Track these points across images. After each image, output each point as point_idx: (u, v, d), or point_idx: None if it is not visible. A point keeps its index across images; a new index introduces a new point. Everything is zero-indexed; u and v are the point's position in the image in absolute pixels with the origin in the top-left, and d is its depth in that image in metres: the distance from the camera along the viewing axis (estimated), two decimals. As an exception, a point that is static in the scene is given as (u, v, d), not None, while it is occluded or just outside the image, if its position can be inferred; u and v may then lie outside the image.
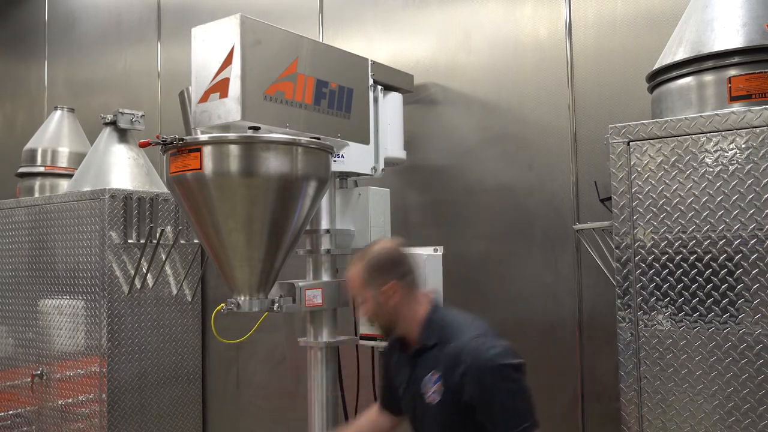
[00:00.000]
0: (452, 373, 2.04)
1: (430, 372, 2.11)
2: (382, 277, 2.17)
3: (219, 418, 4.19)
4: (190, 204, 2.33)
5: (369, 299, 2.19)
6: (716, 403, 2.11)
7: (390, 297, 2.16)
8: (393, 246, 2.28)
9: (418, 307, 2.19)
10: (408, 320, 2.19)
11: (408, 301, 2.18)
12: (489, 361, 1.99)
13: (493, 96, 3.26)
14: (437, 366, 2.10)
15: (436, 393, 2.09)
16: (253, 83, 2.27)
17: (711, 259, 2.13)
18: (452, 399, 2.05)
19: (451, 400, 2.06)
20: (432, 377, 2.10)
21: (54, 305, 3.92)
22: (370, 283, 2.18)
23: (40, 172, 4.43)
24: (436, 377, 2.09)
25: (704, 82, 2.25)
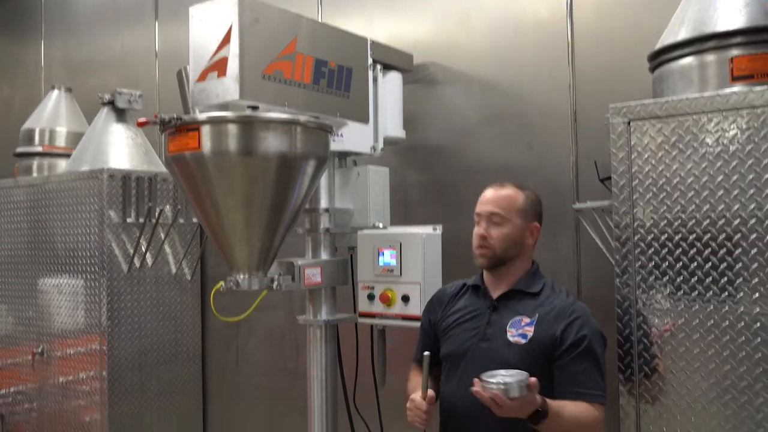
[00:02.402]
0: (553, 323, 2.12)
1: (520, 316, 2.18)
2: (535, 215, 2.28)
3: (219, 396, 4.22)
4: (189, 183, 2.32)
5: (513, 226, 2.23)
6: (713, 381, 2.13)
7: (529, 236, 2.26)
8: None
9: (529, 259, 2.31)
10: (521, 265, 2.27)
11: (531, 250, 2.29)
12: (595, 325, 2.14)
13: (493, 75, 3.25)
14: (532, 313, 2.17)
15: (521, 336, 2.15)
16: (251, 62, 2.25)
17: (710, 239, 2.13)
18: (537, 347, 2.11)
19: (535, 347, 2.11)
20: (522, 321, 2.17)
21: (53, 284, 3.92)
22: (523, 213, 2.25)
23: (38, 152, 4.41)
24: (528, 321, 2.16)
25: (706, 62, 2.24)
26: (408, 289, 2.69)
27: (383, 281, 2.75)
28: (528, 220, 2.25)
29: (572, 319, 2.12)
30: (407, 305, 2.68)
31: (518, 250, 2.25)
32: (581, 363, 2.08)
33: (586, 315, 2.15)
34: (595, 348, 2.09)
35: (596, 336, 2.12)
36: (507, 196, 2.25)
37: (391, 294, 2.72)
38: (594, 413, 2.06)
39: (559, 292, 2.24)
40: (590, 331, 2.11)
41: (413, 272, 2.68)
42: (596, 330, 2.13)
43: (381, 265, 2.75)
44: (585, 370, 2.08)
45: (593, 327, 2.13)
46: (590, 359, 2.08)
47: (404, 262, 2.70)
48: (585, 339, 2.09)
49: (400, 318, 2.70)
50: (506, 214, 2.23)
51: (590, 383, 2.07)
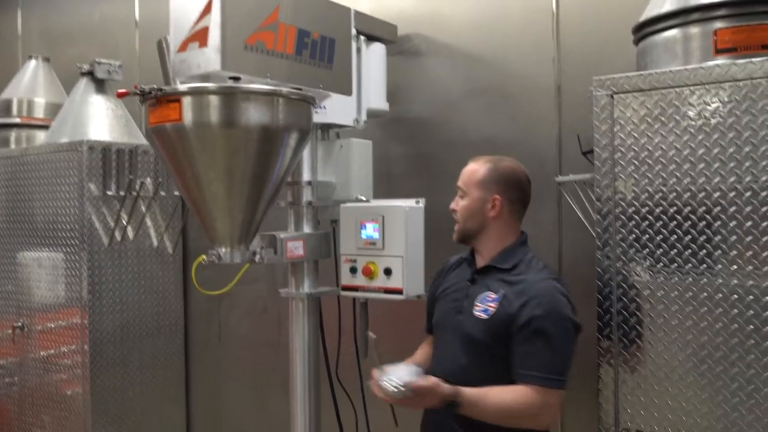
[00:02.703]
0: (514, 301, 2.08)
1: (488, 291, 2.16)
2: (497, 187, 2.21)
3: (201, 369, 4.23)
4: (170, 155, 2.30)
5: (470, 198, 2.22)
6: (690, 352, 2.16)
7: (491, 209, 2.20)
8: (523, 171, 2.29)
9: (507, 234, 2.25)
10: (491, 239, 2.23)
11: (502, 223, 2.23)
12: (557, 305, 2.05)
13: (478, 48, 3.23)
14: (498, 289, 2.14)
15: (484, 311, 2.13)
16: (233, 32, 2.22)
17: (690, 212, 2.15)
18: (496, 324, 2.09)
19: (495, 324, 2.09)
20: (488, 296, 2.15)
21: (33, 257, 3.89)
22: (482, 184, 2.21)
23: (16, 123, 4.33)
24: (493, 297, 2.13)
25: (690, 34, 2.24)
26: (390, 262, 2.69)
27: (366, 254, 2.75)
28: (489, 192, 2.20)
29: (529, 298, 2.06)
30: (389, 278, 2.69)
31: (479, 223, 2.22)
32: (531, 344, 2.02)
33: (548, 295, 2.06)
34: (548, 329, 2.01)
35: (554, 318, 2.02)
36: (469, 170, 2.26)
37: (374, 267, 2.72)
38: (534, 397, 1.99)
39: (534, 269, 2.16)
40: (546, 311, 2.02)
41: (396, 245, 2.68)
42: (556, 311, 2.03)
43: (363, 238, 2.75)
44: (533, 351, 2.02)
45: (552, 308, 2.03)
46: (542, 341, 2.01)
47: (387, 235, 2.70)
48: (537, 319, 2.01)
49: (383, 291, 2.71)
50: (465, 187, 2.25)
51: (537, 365, 2.00)
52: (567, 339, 2.05)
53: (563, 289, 2.12)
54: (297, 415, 2.83)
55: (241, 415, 4.09)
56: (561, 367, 2.03)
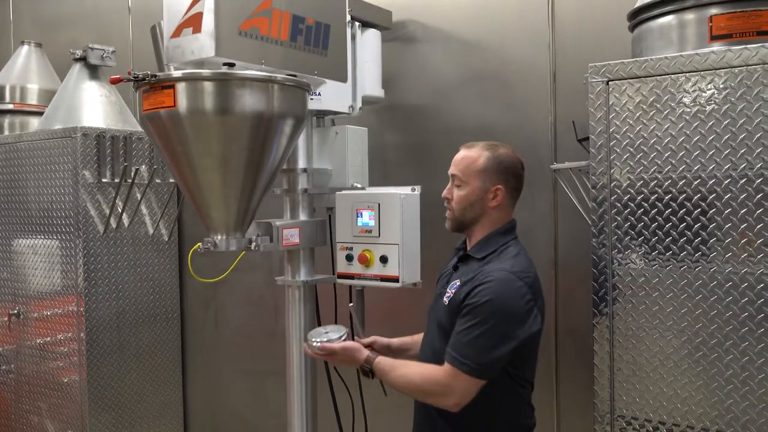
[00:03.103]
0: (465, 287, 2.08)
1: (457, 279, 2.15)
2: (499, 177, 2.16)
3: (198, 356, 4.23)
4: (165, 142, 2.29)
5: (470, 188, 2.17)
6: (685, 339, 2.17)
7: (491, 199, 2.16)
8: (518, 157, 2.24)
9: (499, 222, 2.20)
10: (483, 227, 2.20)
11: (497, 213, 2.19)
12: (499, 294, 1.98)
13: (473, 34, 3.21)
14: (465, 276, 2.12)
15: (447, 297, 2.14)
16: (227, 18, 2.20)
17: (685, 199, 2.15)
18: (452, 309, 2.10)
19: (451, 310, 2.11)
20: (455, 283, 2.14)
21: (28, 245, 3.88)
22: (483, 174, 2.16)
23: (9, 109, 4.31)
24: (458, 284, 2.13)
25: (685, 20, 2.23)
26: (386, 249, 2.69)
27: (361, 242, 2.75)
28: (490, 182, 2.15)
29: (475, 285, 2.03)
30: (386, 266, 2.69)
31: (477, 213, 2.18)
32: (461, 325, 2.01)
33: (493, 283, 2.00)
34: (478, 315, 1.98)
35: (489, 306, 1.97)
36: (466, 157, 2.19)
37: (370, 255, 2.72)
38: (442, 376, 2.00)
39: (503, 259, 2.10)
40: (484, 298, 1.98)
41: (392, 233, 2.68)
42: (495, 300, 1.98)
43: (359, 226, 2.75)
44: (457, 332, 2.02)
45: (492, 296, 1.98)
46: (468, 325, 1.99)
47: (383, 223, 2.70)
48: (472, 304, 2.00)
49: (379, 279, 2.71)
50: (464, 176, 2.18)
51: (455, 346, 2.00)
52: (500, 331, 1.97)
53: (521, 281, 2.03)
54: (293, 402, 2.84)
55: (238, 402, 4.11)
56: (479, 353, 1.97)
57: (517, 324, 2.00)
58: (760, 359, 2.06)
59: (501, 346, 1.98)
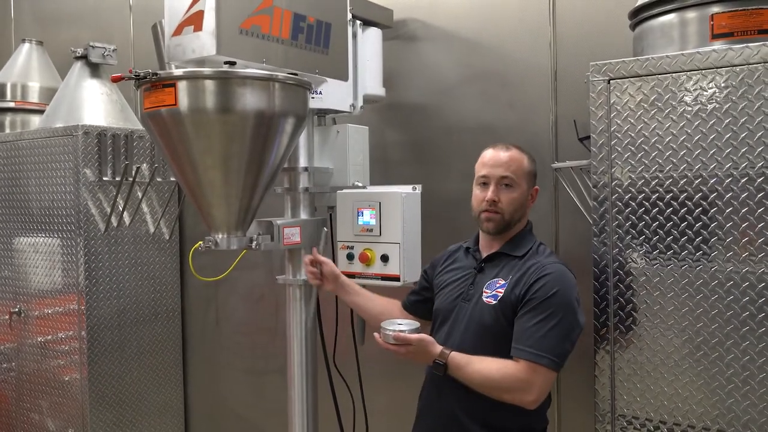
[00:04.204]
0: (524, 281, 2.10)
1: (497, 278, 2.17)
2: (535, 179, 2.27)
3: (199, 354, 4.24)
4: (166, 141, 2.29)
5: (521, 190, 2.22)
6: (686, 338, 2.17)
7: (532, 200, 2.26)
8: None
9: (524, 222, 2.29)
10: (516, 228, 2.26)
11: (527, 213, 2.29)
12: (567, 287, 2.06)
13: (474, 33, 3.21)
14: (508, 275, 2.15)
15: (493, 297, 2.14)
16: (228, 16, 2.20)
17: (686, 198, 2.15)
18: (505, 307, 2.11)
19: (503, 307, 2.11)
20: (497, 282, 2.16)
21: (29, 243, 3.88)
22: (529, 176, 2.24)
23: (11, 107, 4.31)
24: (502, 283, 2.15)
25: (687, 19, 2.23)
26: (387, 248, 2.69)
27: (362, 241, 2.75)
28: (532, 184, 2.27)
29: (538, 277, 2.07)
30: (387, 265, 2.69)
31: (522, 214, 2.26)
32: (530, 319, 2.03)
33: (560, 276, 2.07)
34: (551, 307, 2.01)
35: (560, 298, 2.02)
36: (516, 159, 2.21)
37: (371, 254, 2.72)
38: (520, 371, 1.99)
39: (542, 254, 2.20)
40: (554, 290, 2.03)
41: (393, 232, 2.68)
42: (564, 293, 2.04)
43: (360, 225, 2.75)
44: (530, 326, 2.01)
45: (561, 289, 2.04)
46: (541, 317, 2.01)
47: (384, 222, 2.70)
48: (542, 297, 2.03)
49: (380, 278, 2.71)
50: (516, 178, 2.20)
51: (531, 340, 1.99)
52: (569, 322, 2.03)
53: (571, 273, 2.15)
54: (294, 401, 2.84)
55: (239, 401, 4.11)
56: (556, 347, 2.00)
57: (578, 313, 2.08)
58: (761, 358, 2.06)
59: (572, 335, 2.05)
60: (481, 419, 2.12)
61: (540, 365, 1.99)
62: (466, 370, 2.05)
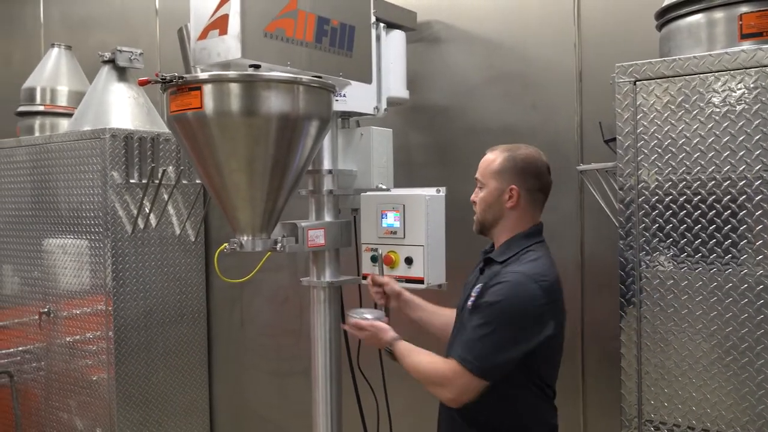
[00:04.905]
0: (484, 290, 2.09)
1: (479, 283, 2.16)
2: (514, 177, 2.16)
3: (224, 355, 4.27)
4: (192, 144, 2.31)
5: (490, 189, 2.19)
6: (714, 343, 2.14)
7: (507, 199, 2.16)
8: (543, 158, 2.23)
9: (522, 224, 2.19)
10: (505, 229, 2.20)
11: (519, 213, 2.18)
12: (511, 296, 1.98)
13: (498, 34, 3.20)
14: (486, 280, 2.13)
15: (471, 300, 2.14)
16: (253, 20, 2.22)
17: (715, 201, 2.12)
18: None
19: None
20: (478, 287, 2.15)
21: (58, 244, 3.94)
22: (498, 175, 2.17)
23: (40, 111, 4.38)
24: (479, 287, 2.13)
25: (714, 19, 2.20)
26: (411, 251, 2.69)
27: (387, 243, 2.75)
28: (506, 183, 2.15)
29: (494, 284, 2.04)
30: (410, 267, 2.68)
31: (496, 214, 2.19)
32: (471, 321, 2.04)
33: (508, 287, 2.00)
34: (487, 315, 1.99)
35: (499, 306, 1.98)
36: (485, 160, 2.23)
37: (395, 256, 2.72)
38: (447, 369, 2.02)
39: (523, 261, 2.09)
40: (495, 298, 1.99)
41: (417, 234, 2.68)
42: (505, 302, 1.98)
43: (384, 227, 2.75)
44: (469, 329, 2.03)
45: (503, 298, 1.99)
46: (476, 323, 2.00)
47: (408, 224, 2.70)
48: (486, 304, 2.01)
49: (404, 280, 2.70)
50: (482, 178, 2.22)
51: (461, 343, 2.04)
52: (507, 334, 1.98)
53: (535, 284, 2.01)
54: (319, 403, 2.85)
55: (264, 402, 4.13)
56: (486, 356, 1.97)
57: (526, 328, 2.00)
58: (792, 364, 2.02)
59: (508, 349, 1.98)
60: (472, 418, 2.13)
61: (464, 368, 1.99)
62: (405, 359, 2.18)
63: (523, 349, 1.99)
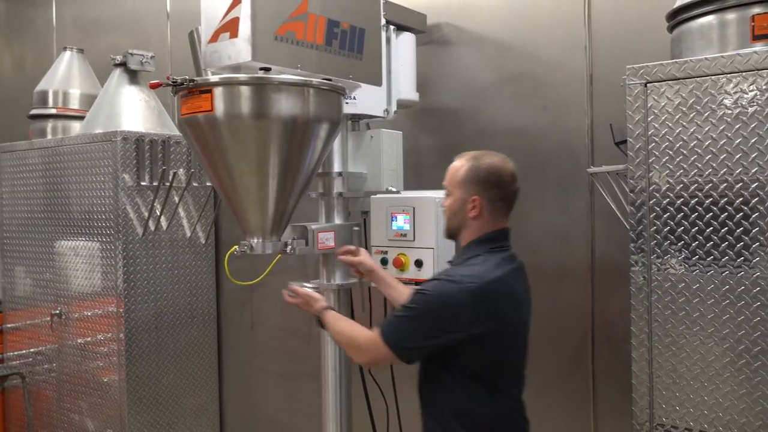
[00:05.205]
0: None
1: None
2: (476, 187, 2.16)
3: (234, 358, 4.28)
4: (202, 146, 2.32)
5: (455, 198, 2.20)
6: (727, 346, 2.12)
7: (470, 209, 2.16)
8: (508, 167, 2.20)
9: (479, 232, 2.18)
10: (466, 235, 2.20)
11: (482, 222, 2.17)
12: (430, 293, 2.05)
13: (508, 36, 3.19)
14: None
15: None
16: (263, 23, 2.23)
17: (726, 203, 2.10)
18: None
19: None
20: None
21: (70, 246, 3.96)
22: (463, 185, 2.17)
23: (52, 113, 4.41)
24: None
25: (726, 20, 2.19)
26: (421, 253, 2.69)
27: (396, 246, 2.75)
28: (469, 193, 2.15)
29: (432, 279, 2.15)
30: (420, 270, 2.68)
31: (460, 221, 2.19)
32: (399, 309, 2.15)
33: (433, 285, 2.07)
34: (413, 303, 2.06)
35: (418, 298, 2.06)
36: (451, 168, 2.23)
37: (405, 259, 2.72)
38: (367, 336, 2.16)
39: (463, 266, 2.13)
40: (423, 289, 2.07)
41: (427, 237, 2.68)
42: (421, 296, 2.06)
43: (394, 230, 2.75)
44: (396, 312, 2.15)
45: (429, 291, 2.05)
46: (405, 305, 2.09)
47: (417, 227, 2.69)
48: (418, 291, 2.09)
49: (414, 283, 2.70)
50: (449, 186, 2.22)
51: (388, 318, 2.14)
52: (419, 320, 2.05)
53: (458, 285, 2.02)
54: (328, 405, 2.85)
55: (273, 404, 4.14)
56: (398, 332, 2.08)
57: (438, 325, 2.03)
58: (806, 368, 2.01)
59: (418, 338, 2.06)
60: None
61: (382, 340, 2.09)
62: (332, 325, 2.32)
63: (434, 342, 2.05)
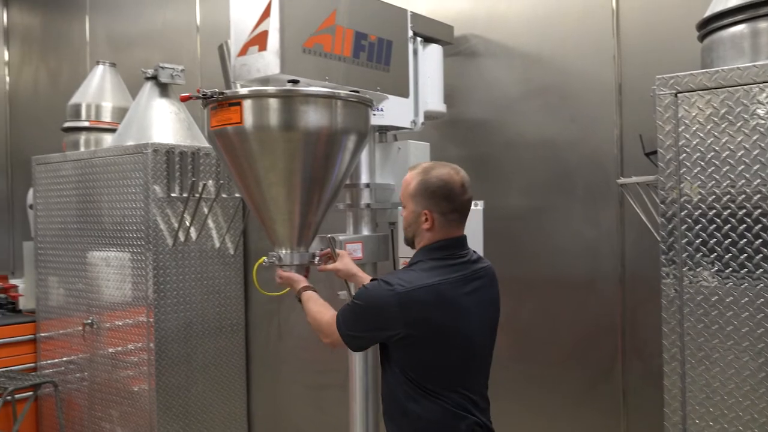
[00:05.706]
0: None
1: None
2: (428, 202, 2.16)
3: (262, 368, 4.29)
4: (231, 158, 2.34)
5: (409, 210, 2.22)
6: (762, 361, 2.08)
7: (423, 222, 2.17)
8: (457, 178, 2.18)
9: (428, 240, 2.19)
10: (419, 244, 2.22)
11: (432, 234, 2.18)
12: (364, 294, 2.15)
13: (535, 47, 3.18)
14: None
15: None
16: (291, 36, 2.25)
17: (761, 215, 2.07)
18: None
19: None
20: None
21: (102, 257, 4.02)
22: (414, 199, 2.18)
23: (85, 126, 4.51)
24: None
25: (758, 29, 2.16)
26: (448, 264, 2.67)
27: (424, 256, 2.74)
28: (420, 206, 2.15)
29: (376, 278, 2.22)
30: (447, 280, 2.67)
31: (414, 232, 2.20)
32: None
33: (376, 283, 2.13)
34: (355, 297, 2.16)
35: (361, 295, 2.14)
36: (404, 180, 2.23)
37: (432, 269, 2.70)
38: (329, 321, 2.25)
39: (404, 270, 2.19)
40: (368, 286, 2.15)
41: (454, 247, 2.66)
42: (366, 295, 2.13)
43: (421, 240, 2.74)
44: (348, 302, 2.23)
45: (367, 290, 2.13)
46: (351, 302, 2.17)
47: (445, 237, 2.68)
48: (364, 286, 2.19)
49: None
50: (403, 199, 2.23)
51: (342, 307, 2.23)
52: (354, 313, 2.16)
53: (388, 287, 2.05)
54: (356, 416, 2.85)
55: (301, 414, 4.14)
56: (346, 319, 2.18)
57: (362, 321, 2.15)
58: (844, 383, 1.96)
59: (360, 329, 2.17)
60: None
61: (336, 325, 2.20)
62: (305, 306, 2.41)
63: (372, 335, 2.18)
